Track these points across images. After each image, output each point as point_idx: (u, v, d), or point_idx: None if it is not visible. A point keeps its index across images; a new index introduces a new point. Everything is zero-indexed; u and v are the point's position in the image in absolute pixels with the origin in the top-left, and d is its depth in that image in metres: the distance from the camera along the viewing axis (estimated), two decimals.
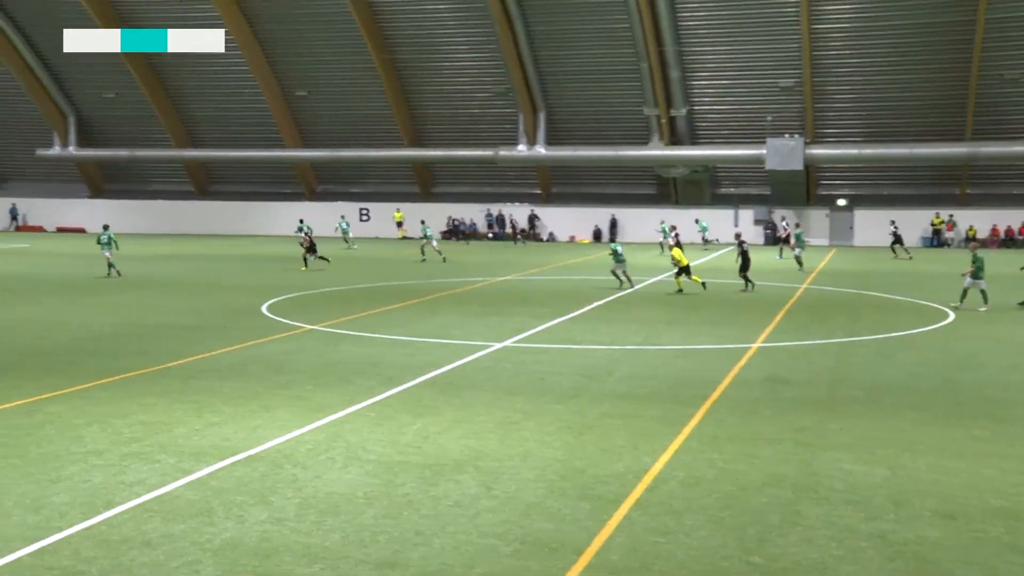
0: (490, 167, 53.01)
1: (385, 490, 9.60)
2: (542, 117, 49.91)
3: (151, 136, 55.95)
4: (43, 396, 13.48)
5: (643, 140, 49.18)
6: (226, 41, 49.83)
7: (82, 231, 57.22)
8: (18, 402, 13.11)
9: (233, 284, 28.90)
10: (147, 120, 55.12)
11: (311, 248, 34.20)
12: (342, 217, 49.55)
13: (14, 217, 58.42)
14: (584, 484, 9.81)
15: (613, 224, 51.42)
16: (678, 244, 35.02)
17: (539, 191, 54.40)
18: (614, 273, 27.89)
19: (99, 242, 31.66)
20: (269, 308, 23.11)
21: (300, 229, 39.97)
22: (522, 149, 50.47)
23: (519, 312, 22.73)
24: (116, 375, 15.02)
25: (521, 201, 54.44)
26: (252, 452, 10.82)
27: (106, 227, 32.86)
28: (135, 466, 10.27)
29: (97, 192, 59.25)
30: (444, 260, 37.40)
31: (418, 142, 53.27)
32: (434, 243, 38.71)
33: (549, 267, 35.44)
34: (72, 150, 56.11)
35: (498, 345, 18.09)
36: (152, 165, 58.00)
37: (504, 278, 31.21)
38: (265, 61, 51.20)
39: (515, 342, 18.52)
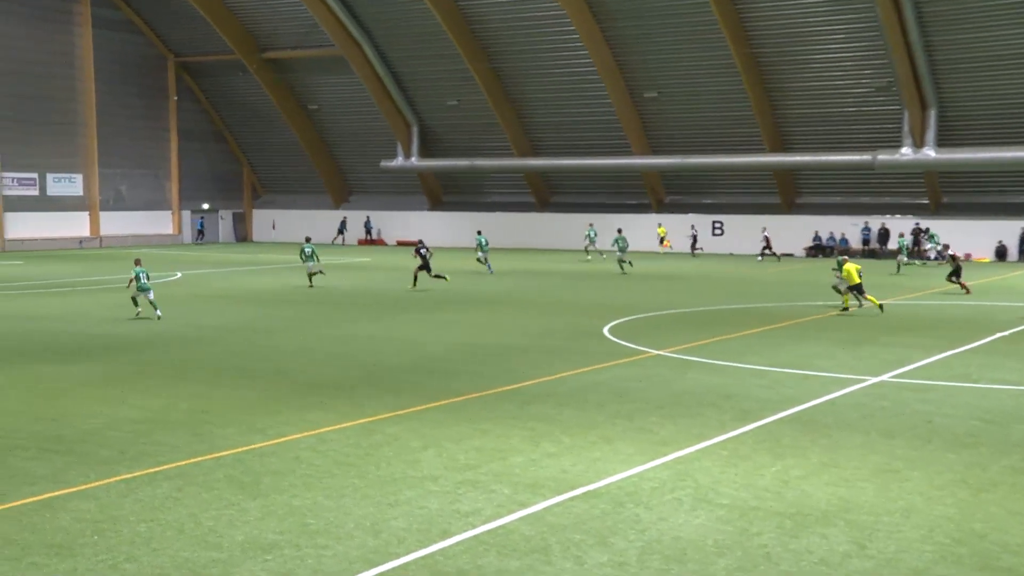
0: (866, 174, 50.87)
1: (739, 539, 9.41)
2: (932, 114, 47.17)
3: (491, 145, 59.11)
4: (382, 416, 14.58)
5: None
6: (573, 41, 51.97)
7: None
8: (359, 421, 14.27)
9: (574, 303, 29.79)
10: (488, 128, 58.32)
11: (424, 265, 33.86)
12: (590, 225, 50.13)
13: (368, 231, 63.88)
14: (985, 552, 9.06)
15: None
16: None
17: (926, 201, 51.44)
18: None
19: (302, 255, 34.53)
20: (612, 330, 23.57)
21: (419, 251, 34.75)
22: (906, 152, 47.97)
23: (899, 342, 21.61)
24: (451, 397, 15.94)
25: (903, 213, 51.74)
26: (591, 487, 11.04)
27: (308, 239, 35.94)
28: (470, 495, 10.81)
29: (436, 204, 63.50)
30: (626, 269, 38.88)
31: (780, 147, 52.24)
32: (480, 254, 40.09)
33: (937, 290, 33.35)
34: (414, 161, 60.45)
35: (873, 379, 17.30)
36: (491, 175, 61.21)
37: (880, 302, 29.75)
38: (613, 61, 52.47)
39: (894, 376, 17.61)
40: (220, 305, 29.28)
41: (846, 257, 27.93)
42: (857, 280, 26.44)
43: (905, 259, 42.55)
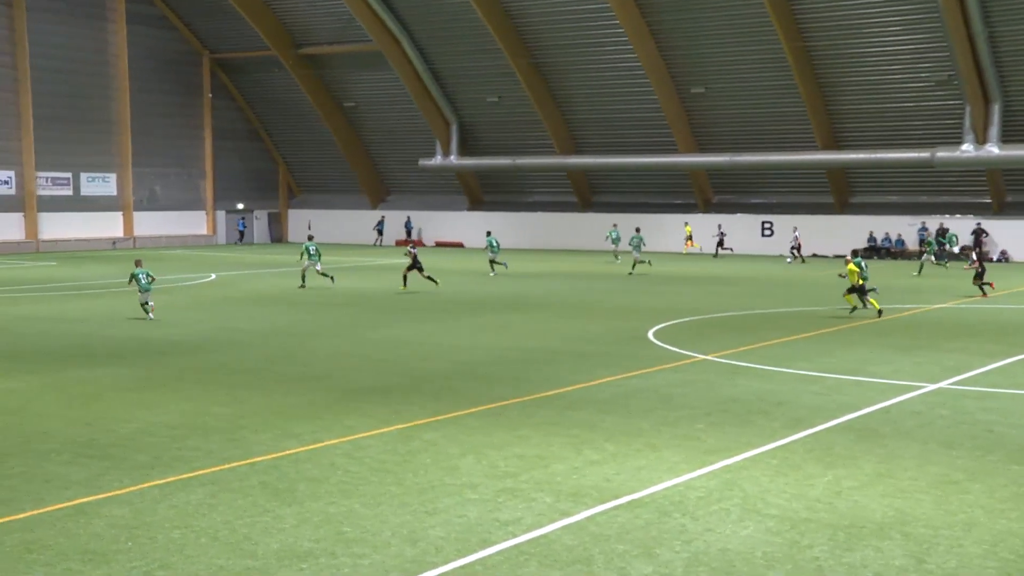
0: (924, 172, 50.34)
1: (789, 551, 9.37)
2: (996, 109, 46.57)
3: (533, 143, 59.13)
4: (420, 422, 14.65)
5: None
6: (617, 35, 51.89)
7: (460, 246, 61.72)
8: (397, 426, 14.35)
9: (617, 306, 29.76)
10: (529, 126, 58.35)
11: (414, 264, 33.66)
12: (614, 226, 50.50)
13: (408, 231, 64.14)
14: None
15: None
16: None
17: (988, 200, 50.83)
18: None
19: (305, 252, 34.86)
20: (656, 334, 23.53)
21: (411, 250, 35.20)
22: (968, 149, 47.39)
23: (959, 348, 21.39)
24: (491, 403, 15.99)
25: (963, 213, 51.16)
26: (635, 496, 11.03)
27: (311, 237, 35.99)
28: (510, 503, 10.84)
29: (476, 203, 63.63)
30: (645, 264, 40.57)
31: (834, 144, 51.83)
32: (491, 254, 40.20)
33: (1001, 293, 32.95)
34: (453, 159, 60.57)
35: (931, 386, 17.14)
36: (533, 174, 61.21)
37: (939, 306, 29.49)
38: (659, 56, 52.32)
39: (954, 383, 17.45)
40: (255, 308, 29.54)
41: (848, 258, 27.77)
42: (859, 281, 26.39)
43: (933, 260, 41.83)
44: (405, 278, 34.05)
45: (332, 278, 35.29)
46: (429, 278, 33.88)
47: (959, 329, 24.48)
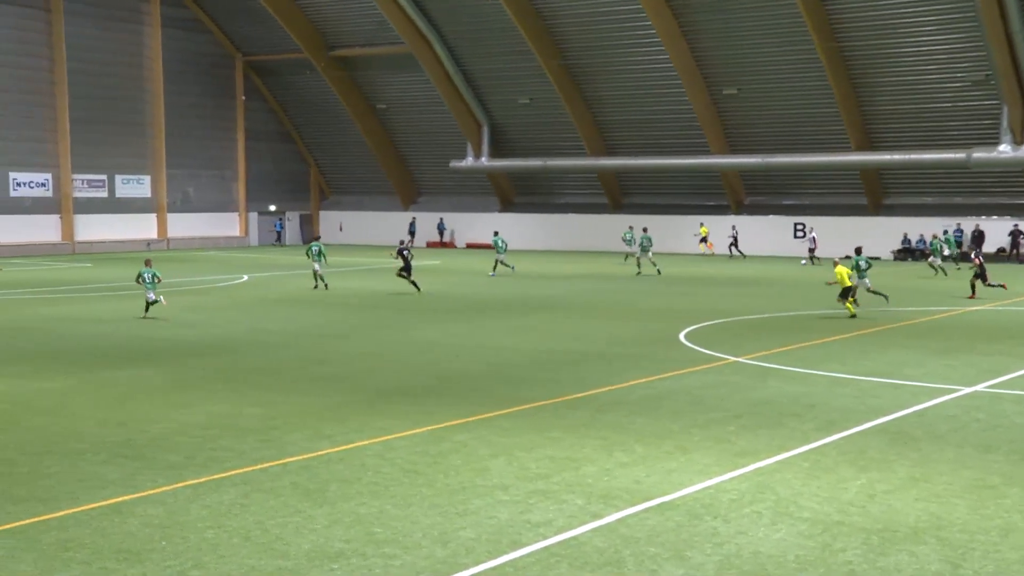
0: (960, 173, 49.92)
1: (822, 555, 9.32)
2: None
3: (564, 144, 59.13)
4: (450, 423, 14.69)
5: None
6: (649, 35, 51.78)
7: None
8: (428, 428, 14.39)
9: (648, 307, 29.69)
10: (561, 127, 58.35)
11: (406, 267, 33.04)
12: (630, 228, 50.07)
13: (441, 232, 64.26)
14: None
15: None
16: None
17: None
18: None
19: (308, 253, 35.33)
20: (688, 336, 23.46)
21: (402, 252, 34.06)
22: (1005, 149, 46.95)
23: (996, 350, 21.19)
24: (521, 404, 16.00)
25: (999, 214, 50.67)
26: (666, 499, 11.02)
27: (317, 237, 36.22)
28: (541, 505, 10.85)
29: (507, 205, 63.68)
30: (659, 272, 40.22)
31: (868, 145, 51.51)
32: (499, 256, 40.54)
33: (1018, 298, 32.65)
34: (484, 161, 60.69)
35: (967, 390, 17.00)
36: (564, 175, 61.23)
37: (975, 308, 29.23)
38: (691, 56, 52.16)
39: (990, 387, 17.30)
40: (287, 309, 29.70)
41: (836, 260, 28.48)
42: (848, 283, 26.67)
43: (939, 261, 41.23)
44: (411, 281, 33.23)
45: (327, 285, 34.94)
46: (413, 283, 33.25)
47: (995, 332, 24.25)
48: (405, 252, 33.77)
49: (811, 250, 47.94)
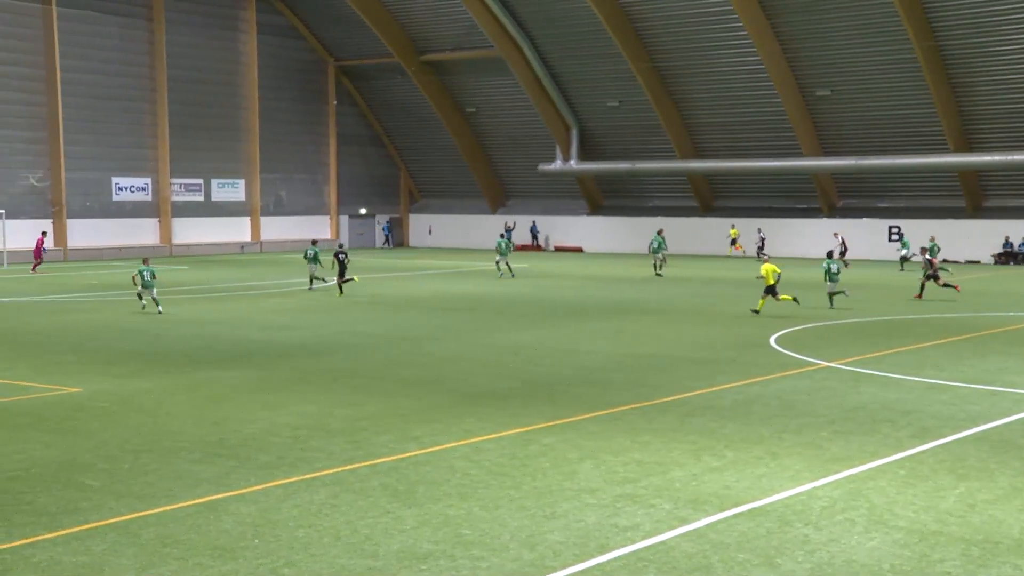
0: None
1: (918, 565, 9.12)
2: None
3: (653, 147, 58.78)
4: (538, 426, 14.69)
5: None
6: (740, 37, 51.24)
7: (579, 250, 61.64)
8: (515, 430, 14.42)
9: (738, 312, 29.35)
10: (650, 130, 58.03)
11: (340, 270, 34.24)
12: (657, 232, 48.93)
13: (534, 236, 64.29)
14: None
15: None
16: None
17: None
18: None
19: (305, 257, 36.11)
20: (778, 340, 23.16)
21: (338, 255, 35.11)
22: None
23: None
24: (609, 408, 15.94)
25: None
26: (756, 504, 10.88)
27: (315, 242, 37.82)
28: (629, 509, 10.79)
29: (595, 208, 63.51)
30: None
31: (966, 146, 50.27)
32: (498, 257, 41.00)
33: None
34: (573, 164, 60.61)
35: None
36: (652, 178, 60.87)
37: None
38: (783, 58, 51.49)
39: None
40: (377, 311, 30.01)
41: (767, 256, 29.53)
42: (772, 281, 27.48)
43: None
44: (340, 287, 34.32)
45: (311, 288, 35.75)
46: (346, 281, 34.42)
47: None
48: (341, 256, 35.05)
49: (842, 252, 46.98)
